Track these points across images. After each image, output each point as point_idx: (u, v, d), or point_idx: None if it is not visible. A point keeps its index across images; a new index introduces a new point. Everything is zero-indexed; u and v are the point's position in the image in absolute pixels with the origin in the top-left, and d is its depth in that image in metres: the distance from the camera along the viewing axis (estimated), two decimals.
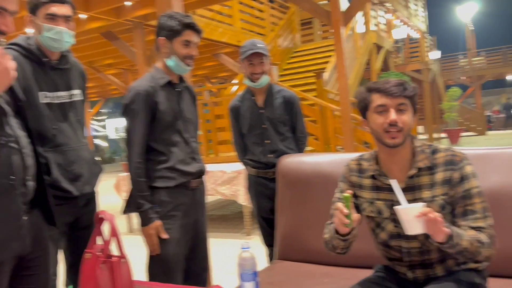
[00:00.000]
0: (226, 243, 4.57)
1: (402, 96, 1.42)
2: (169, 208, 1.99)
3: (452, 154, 1.45)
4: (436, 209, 1.40)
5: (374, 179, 1.53)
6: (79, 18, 6.80)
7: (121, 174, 5.61)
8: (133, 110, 1.95)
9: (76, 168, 1.87)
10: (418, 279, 1.51)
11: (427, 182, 1.45)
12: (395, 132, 1.42)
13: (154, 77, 2.01)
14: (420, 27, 15.55)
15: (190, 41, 1.98)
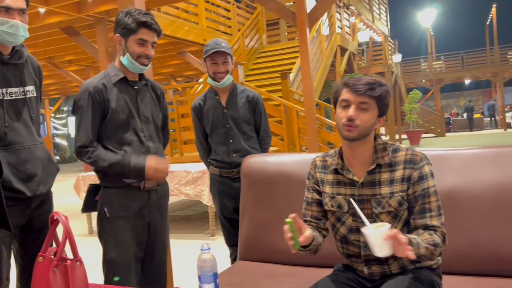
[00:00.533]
0: (189, 244, 4.52)
1: (365, 95, 1.44)
2: (119, 209, 1.94)
3: (412, 153, 1.49)
4: (394, 205, 1.46)
5: (336, 174, 1.57)
6: (37, 12, 6.56)
7: (82, 174, 5.45)
8: (81, 107, 1.91)
9: (29, 168, 1.79)
10: (374, 275, 1.54)
11: (386, 179, 1.49)
12: (351, 127, 1.46)
13: (108, 75, 1.98)
14: (383, 31, 15.95)
15: (145, 40, 1.93)
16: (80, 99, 1.93)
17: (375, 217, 1.49)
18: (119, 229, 1.94)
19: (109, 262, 1.95)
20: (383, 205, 1.48)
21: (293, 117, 6.41)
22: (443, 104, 27.28)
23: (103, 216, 1.97)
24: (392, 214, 1.48)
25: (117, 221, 1.94)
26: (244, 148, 2.60)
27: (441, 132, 18.92)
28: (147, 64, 1.98)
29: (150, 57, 1.97)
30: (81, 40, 7.25)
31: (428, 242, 1.39)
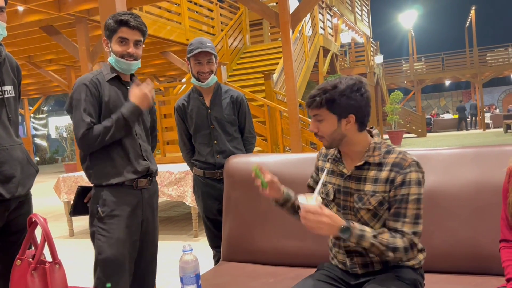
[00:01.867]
0: (172, 245, 4.49)
1: (312, 108, 1.51)
2: (113, 207, 1.92)
3: (402, 158, 1.50)
4: (373, 204, 1.49)
5: (332, 164, 1.63)
6: (16, 10, 6.44)
7: (62, 175, 5.36)
8: (77, 100, 1.91)
9: (7, 169, 1.74)
10: (356, 266, 1.56)
11: (372, 177, 1.51)
12: (320, 137, 1.54)
13: (101, 72, 2.00)
14: (365, 32, 16.11)
15: (125, 38, 1.94)
16: (75, 93, 1.92)
17: (356, 211, 1.53)
18: (113, 228, 1.91)
19: (102, 262, 1.90)
20: (364, 201, 1.51)
21: (277, 118, 6.43)
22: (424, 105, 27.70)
23: (96, 215, 1.93)
24: (372, 212, 1.50)
25: (111, 220, 1.91)
26: (229, 149, 2.58)
27: (422, 132, 19.21)
28: (132, 62, 1.98)
29: (133, 55, 1.97)
30: (61, 39, 7.14)
31: (381, 242, 1.42)
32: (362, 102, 1.50)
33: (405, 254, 1.44)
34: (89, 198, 2.01)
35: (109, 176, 1.93)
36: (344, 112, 1.48)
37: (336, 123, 1.50)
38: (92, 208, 1.95)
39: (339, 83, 1.48)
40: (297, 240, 2.05)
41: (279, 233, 2.11)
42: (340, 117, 1.49)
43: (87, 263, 4.06)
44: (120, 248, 1.91)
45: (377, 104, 17.29)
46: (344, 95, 1.47)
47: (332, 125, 1.50)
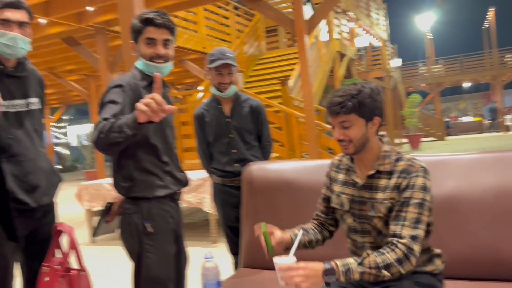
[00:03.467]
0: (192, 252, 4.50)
1: (340, 114, 1.48)
2: (161, 222, 1.78)
3: (410, 164, 1.50)
4: (383, 211, 1.49)
5: (345, 174, 1.63)
6: (38, 23, 6.62)
7: (84, 183, 5.46)
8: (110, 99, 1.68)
9: (33, 179, 1.81)
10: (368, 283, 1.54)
11: (382, 185, 1.52)
12: (346, 144, 1.51)
13: (135, 77, 1.81)
14: (381, 36, 16.01)
15: (152, 39, 1.77)
16: (109, 92, 1.72)
17: (370, 219, 1.54)
18: (162, 245, 1.78)
19: (152, 281, 1.76)
20: (376, 209, 1.52)
21: (293, 123, 6.43)
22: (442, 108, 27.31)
23: (142, 232, 1.75)
24: (383, 220, 1.51)
25: (159, 236, 1.77)
26: (247, 158, 2.59)
27: (441, 135, 18.93)
28: (162, 63, 1.80)
29: (163, 56, 1.79)
30: (81, 50, 7.30)
31: (370, 265, 1.37)
32: (383, 104, 1.54)
33: (401, 266, 1.37)
34: (113, 216, 1.87)
35: (156, 188, 1.78)
36: (372, 115, 1.50)
37: (364, 126, 1.50)
38: (137, 224, 1.76)
39: (362, 87, 1.49)
40: None
41: None
42: (368, 121, 1.50)
43: (108, 270, 4.12)
44: (169, 265, 1.81)
45: (395, 107, 17.13)
46: (371, 98, 1.48)
47: (361, 129, 1.49)
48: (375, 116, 1.51)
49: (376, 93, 1.51)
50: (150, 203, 1.76)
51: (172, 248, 1.83)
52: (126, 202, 1.79)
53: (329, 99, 1.51)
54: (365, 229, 1.56)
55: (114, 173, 1.80)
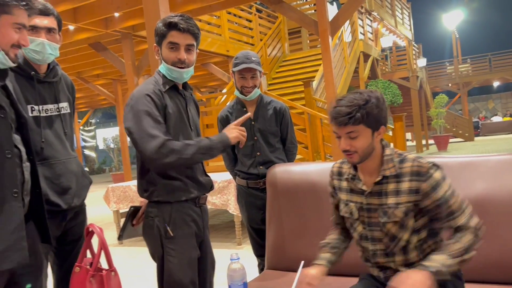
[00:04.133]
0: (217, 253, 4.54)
1: (348, 125, 1.45)
2: (183, 226, 1.79)
3: (418, 165, 1.48)
4: (399, 215, 1.48)
5: (350, 182, 1.61)
6: (67, 29, 6.80)
7: (111, 185, 5.58)
8: (141, 111, 1.70)
9: (64, 181, 1.86)
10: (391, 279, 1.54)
11: (392, 189, 1.51)
12: (351, 154, 1.50)
13: (157, 82, 1.82)
14: (406, 35, 15.77)
15: (175, 43, 1.76)
16: (137, 104, 1.72)
17: (382, 226, 1.52)
18: (184, 248, 1.78)
19: (175, 284, 1.76)
20: (389, 215, 1.50)
21: (317, 125, 6.41)
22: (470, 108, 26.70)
23: (164, 236, 1.77)
24: (399, 224, 1.50)
25: (181, 239, 1.78)
26: (271, 160, 2.59)
27: (469, 136, 18.50)
28: (184, 69, 1.81)
29: (185, 62, 1.79)
30: (108, 55, 7.46)
31: (454, 254, 1.38)
32: (387, 112, 1.53)
33: (478, 240, 1.42)
34: (139, 219, 1.90)
35: (177, 192, 1.79)
36: (378, 124, 1.49)
37: (370, 136, 1.49)
38: (158, 228, 1.78)
39: (368, 97, 1.47)
40: None
41: None
42: (374, 130, 1.49)
43: (136, 271, 4.19)
44: (192, 269, 1.80)
45: (421, 108, 16.83)
46: (378, 108, 1.47)
47: (368, 139, 1.48)
48: (381, 125, 1.50)
49: (382, 102, 1.49)
50: (172, 207, 1.78)
51: (194, 252, 1.82)
52: (149, 206, 1.82)
53: (333, 109, 1.48)
54: (376, 237, 1.55)
55: (138, 178, 1.84)
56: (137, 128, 1.69)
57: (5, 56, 1.34)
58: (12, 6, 1.31)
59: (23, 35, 1.37)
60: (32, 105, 1.81)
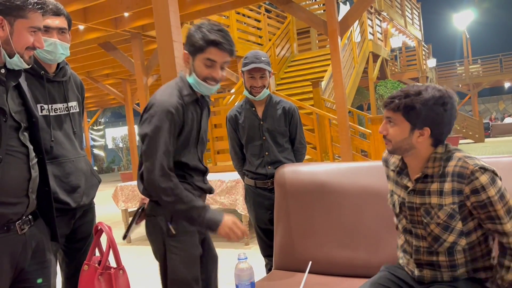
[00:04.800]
0: (224, 253, 4.55)
1: (388, 109, 1.45)
2: (183, 225, 1.78)
3: (462, 166, 1.40)
4: (443, 217, 1.43)
5: (397, 174, 1.59)
6: (77, 29, 6.85)
7: (120, 184, 5.61)
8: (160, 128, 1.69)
9: (73, 180, 1.87)
10: (425, 279, 1.52)
11: (436, 189, 1.45)
12: (386, 140, 1.48)
13: (181, 92, 1.78)
14: (416, 35, 15.68)
15: (213, 61, 1.71)
16: (158, 117, 1.69)
17: (425, 225, 1.47)
18: (186, 246, 1.79)
19: (179, 281, 1.77)
20: (431, 215, 1.45)
21: (326, 125, 6.39)
22: (481, 109, 26.46)
23: (166, 234, 1.78)
24: (442, 226, 1.44)
25: (183, 237, 1.78)
26: (280, 160, 2.59)
27: (480, 137, 18.33)
28: (214, 86, 1.78)
29: (218, 80, 1.77)
30: (117, 55, 7.50)
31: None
32: (444, 117, 1.41)
33: None
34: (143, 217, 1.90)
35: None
36: (421, 123, 1.41)
37: (408, 131, 1.43)
38: (161, 226, 1.79)
39: (424, 90, 1.41)
40: (349, 250, 2.04)
41: (331, 242, 2.11)
42: (414, 127, 1.42)
43: (144, 269, 4.21)
44: (195, 266, 1.81)
45: None
46: (426, 105, 1.39)
47: (403, 132, 1.43)
48: (425, 126, 1.41)
49: (439, 102, 1.39)
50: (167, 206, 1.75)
51: (196, 250, 1.83)
52: (151, 204, 1.83)
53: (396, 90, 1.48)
54: (419, 234, 1.51)
55: (138, 178, 1.83)
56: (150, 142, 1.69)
57: (20, 59, 1.35)
58: (27, 10, 1.32)
59: (38, 37, 1.38)
60: (42, 104, 1.82)
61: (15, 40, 1.33)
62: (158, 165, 1.65)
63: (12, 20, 1.32)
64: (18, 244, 1.40)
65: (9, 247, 1.37)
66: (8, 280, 1.38)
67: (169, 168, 1.68)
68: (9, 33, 1.31)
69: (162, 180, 1.65)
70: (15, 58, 1.35)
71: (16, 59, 1.35)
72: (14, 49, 1.33)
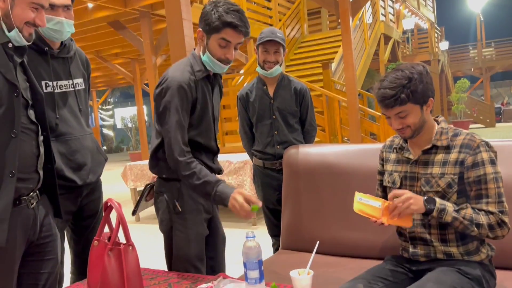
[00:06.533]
0: (231, 233, 4.58)
1: (395, 107, 1.47)
2: (191, 201, 1.81)
3: (471, 139, 1.50)
4: (442, 186, 1.49)
5: (397, 153, 1.64)
6: (86, 7, 6.81)
7: (129, 164, 5.65)
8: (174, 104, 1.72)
9: (79, 157, 1.87)
10: (418, 254, 1.56)
11: (440, 160, 1.52)
12: (403, 130, 1.53)
13: (192, 67, 1.79)
14: (429, 17, 15.40)
15: (228, 41, 1.72)
16: (170, 93, 1.71)
17: (423, 195, 1.52)
18: (192, 224, 1.81)
19: (182, 258, 1.81)
20: (431, 184, 1.51)
21: (335, 108, 6.35)
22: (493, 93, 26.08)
23: (173, 211, 1.81)
24: (440, 194, 1.50)
25: (189, 215, 1.80)
26: (289, 140, 2.59)
27: (491, 122, 18.12)
28: (226, 65, 1.80)
29: (230, 61, 1.79)
30: (127, 34, 7.47)
31: (465, 217, 1.43)
32: (432, 83, 1.53)
33: (490, 231, 1.43)
34: (152, 194, 1.94)
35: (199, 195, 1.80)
36: (426, 98, 1.50)
37: (419, 112, 1.51)
38: (168, 203, 1.82)
39: (410, 73, 1.47)
40: (357, 231, 2.05)
41: (339, 223, 2.12)
42: (423, 105, 1.51)
43: (153, 247, 4.27)
44: (200, 244, 1.83)
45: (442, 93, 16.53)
46: (422, 82, 1.48)
47: (417, 115, 1.50)
48: (428, 98, 1.51)
49: (425, 75, 1.49)
50: (181, 183, 1.79)
51: (201, 228, 1.84)
52: (159, 181, 1.86)
53: (379, 91, 1.49)
54: None
55: (150, 155, 1.85)
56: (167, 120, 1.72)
57: (19, 34, 1.34)
58: None
59: (41, 15, 1.37)
60: (46, 81, 1.80)
61: (15, 13, 1.31)
62: (174, 140, 1.70)
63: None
64: (29, 217, 1.42)
65: (22, 220, 1.39)
66: (21, 253, 1.41)
67: (184, 143, 1.73)
68: (9, 6, 1.30)
69: (179, 154, 1.70)
70: (13, 32, 1.33)
71: (14, 33, 1.33)
72: (14, 22, 1.32)
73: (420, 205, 1.44)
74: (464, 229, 1.45)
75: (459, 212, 1.44)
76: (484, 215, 1.44)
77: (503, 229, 1.44)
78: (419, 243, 1.57)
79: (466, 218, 1.43)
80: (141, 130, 9.04)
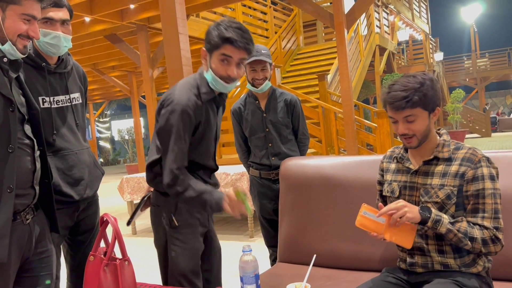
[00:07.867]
0: (229, 245, 4.58)
1: (406, 109, 1.47)
2: (188, 216, 1.80)
3: (472, 153, 1.51)
4: (441, 197, 1.50)
5: (398, 163, 1.65)
6: (83, 20, 6.85)
7: (126, 176, 5.63)
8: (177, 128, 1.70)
9: (76, 172, 1.86)
10: (416, 265, 1.56)
11: (440, 171, 1.53)
12: (409, 138, 1.52)
13: (198, 88, 1.77)
14: (423, 29, 15.55)
15: (228, 56, 1.69)
16: (176, 118, 1.69)
17: (421, 205, 1.52)
18: (188, 238, 1.80)
19: (178, 273, 1.79)
20: (430, 194, 1.52)
21: (331, 119, 6.37)
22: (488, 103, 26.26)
23: (169, 225, 1.79)
24: (438, 205, 1.50)
25: (185, 229, 1.79)
26: (283, 151, 2.64)
27: (486, 132, 18.21)
28: (229, 84, 1.76)
29: (233, 78, 1.74)
30: (123, 47, 7.50)
31: (460, 230, 1.44)
32: (440, 92, 1.55)
33: (483, 246, 1.44)
34: (147, 206, 1.93)
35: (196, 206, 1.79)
36: (434, 106, 1.52)
37: (427, 118, 1.51)
38: (165, 217, 1.80)
39: (422, 79, 1.49)
40: (354, 243, 2.04)
41: (335, 236, 2.11)
42: (430, 112, 1.52)
43: (149, 260, 4.24)
44: (195, 258, 1.82)
45: None
46: (433, 89, 1.49)
47: (425, 121, 1.51)
48: (436, 106, 1.53)
49: (436, 83, 1.52)
50: (178, 197, 1.76)
51: (198, 243, 1.83)
52: (156, 194, 1.84)
53: (389, 94, 1.49)
54: None
55: (146, 168, 1.84)
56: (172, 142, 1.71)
57: (12, 47, 1.33)
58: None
59: (34, 27, 1.36)
60: (43, 97, 1.79)
61: (7, 26, 1.31)
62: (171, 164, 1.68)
63: (4, 6, 1.30)
64: (24, 233, 1.41)
65: (17, 236, 1.38)
66: (16, 269, 1.40)
67: (183, 166, 1.71)
68: (0, 19, 1.30)
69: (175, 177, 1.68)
70: (7, 46, 1.33)
71: (8, 46, 1.33)
72: (6, 35, 1.32)
73: (416, 213, 1.44)
74: (458, 242, 1.45)
75: (454, 224, 1.45)
76: (479, 229, 1.45)
77: (496, 245, 1.45)
78: (417, 253, 1.57)
79: (460, 231, 1.44)
80: (138, 143, 9.04)
